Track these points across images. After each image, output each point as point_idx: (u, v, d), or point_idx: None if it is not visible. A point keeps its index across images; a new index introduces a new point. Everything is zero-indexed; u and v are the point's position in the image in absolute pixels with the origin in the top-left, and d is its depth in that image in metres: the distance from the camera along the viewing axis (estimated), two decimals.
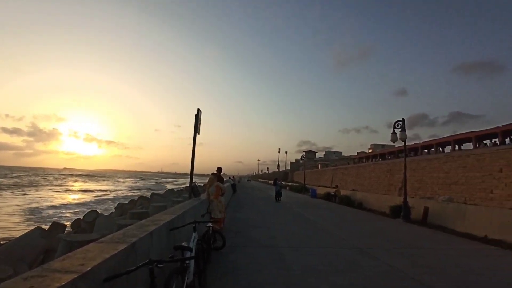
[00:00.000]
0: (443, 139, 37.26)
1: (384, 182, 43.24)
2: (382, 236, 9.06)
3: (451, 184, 30.29)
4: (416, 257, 6.49)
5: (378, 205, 16.40)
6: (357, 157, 68.89)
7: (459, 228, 10.07)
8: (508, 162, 24.48)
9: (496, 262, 6.35)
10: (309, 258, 6.19)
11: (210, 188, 8.05)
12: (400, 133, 13.34)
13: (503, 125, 28.59)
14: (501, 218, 8.85)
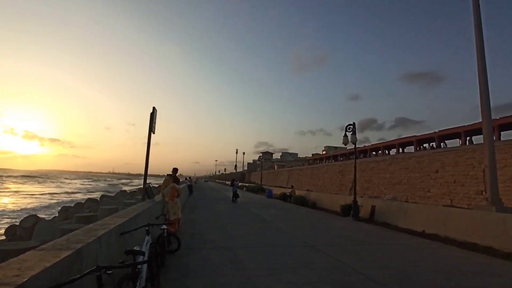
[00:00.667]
0: (389, 142, 40.23)
1: (336, 183, 45.44)
2: (334, 234, 9.51)
3: (395, 184, 32.81)
4: (364, 253, 6.92)
5: (330, 204, 17.17)
6: (311, 159, 71.52)
7: (401, 224, 10.94)
8: (443, 164, 27.17)
9: (432, 253, 7.01)
10: (265, 257, 6.30)
11: (165, 189, 7.81)
12: (351, 136, 14.14)
13: (439, 130, 31.66)
14: (436, 214, 9.79)
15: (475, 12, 10.77)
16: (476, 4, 10.78)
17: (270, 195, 27.71)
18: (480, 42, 10.55)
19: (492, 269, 5.79)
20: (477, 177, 23.30)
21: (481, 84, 10.38)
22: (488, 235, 7.78)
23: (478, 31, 10.62)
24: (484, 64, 10.43)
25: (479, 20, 10.65)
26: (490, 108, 10.40)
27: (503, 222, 7.53)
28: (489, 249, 7.38)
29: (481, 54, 10.46)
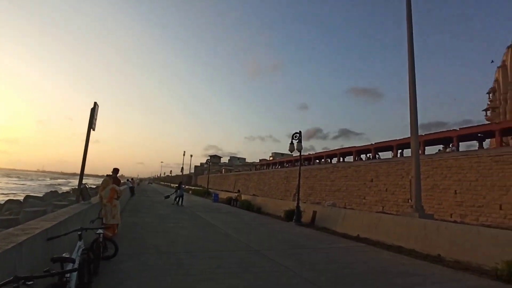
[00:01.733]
0: (332, 151, 42.73)
1: (281, 188, 46.78)
2: (276, 238, 9.76)
3: (335, 191, 34.87)
4: (304, 256, 7.23)
5: (275, 209, 17.60)
6: (259, 164, 72.73)
7: (339, 229, 11.65)
8: (377, 174, 29.63)
9: (364, 256, 7.58)
10: (208, 262, 6.21)
11: (104, 191, 7.30)
12: (297, 144, 14.73)
13: (375, 143, 34.54)
14: (369, 220, 10.63)
15: (408, 39, 12.07)
16: (410, 32, 12.09)
17: (216, 199, 27.52)
18: (411, 66, 11.82)
19: (413, 269, 6.45)
20: (405, 186, 25.85)
21: (411, 104, 11.62)
22: (412, 239, 8.66)
23: (411, 56, 11.90)
24: (414, 86, 11.70)
25: (412, 47, 11.95)
26: (418, 126, 11.68)
27: (424, 227, 8.45)
28: (412, 252, 8.21)
29: (412, 77, 11.73)
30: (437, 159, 24.18)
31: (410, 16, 12.25)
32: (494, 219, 19.21)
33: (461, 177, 21.85)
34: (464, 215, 20.89)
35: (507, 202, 18.76)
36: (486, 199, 19.95)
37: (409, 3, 12.33)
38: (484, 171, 20.51)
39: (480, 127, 25.85)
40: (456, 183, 22.11)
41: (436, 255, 7.74)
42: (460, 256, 7.24)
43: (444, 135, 27.16)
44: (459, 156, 22.62)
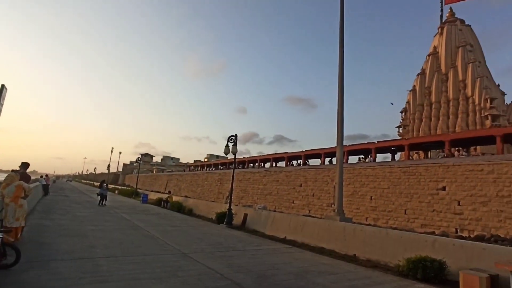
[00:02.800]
0: (265, 156, 44.07)
1: (215, 190, 46.48)
2: (206, 241, 9.64)
3: (266, 195, 35.96)
4: (233, 259, 7.28)
5: (207, 211, 17.39)
6: (193, 165, 71.18)
7: (268, 231, 12.03)
8: (306, 179, 31.45)
9: (289, 257, 7.96)
10: (130, 267, 5.83)
11: (7, 189, 6.35)
12: (232, 147, 14.83)
13: (306, 150, 36.69)
14: (295, 223, 11.21)
15: (340, 61, 13.17)
16: (341, 52, 13.21)
17: (145, 200, 26.07)
18: (340, 84, 12.91)
19: (332, 268, 6.99)
20: (329, 191, 27.94)
21: (339, 117, 12.68)
22: (332, 240, 9.40)
23: (341, 73, 13.00)
24: (342, 102, 12.79)
25: (342, 67, 13.06)
26: (343, 137, 12.77)
27: (343, 230, 9.24)
28: (332, 252, 8.91)
29: (341, 94, 12.81)
30: (357, 168, 26.73)
31: (342, 41, 13.39)
32: (400, 222, 21.96)
33: (376, 184, 24.52)
34: (377, 219, 23.44)
35: (411, 207, 21.65)
36: (395, 204, 22.72)
37: (342, 30, 13.47)
38: (394, 180, 23.36)
39: (393, 142, 29.46)
40: (372, 190, 24.71)
41: (352, 255, 8.53)
42: (372, 255, 8.10)
43: (365, 147, 30.22)
44: (375, 166, 25.37)
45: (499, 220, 17.25)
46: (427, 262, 6.34)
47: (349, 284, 5.79)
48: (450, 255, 6.59)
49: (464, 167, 19.53)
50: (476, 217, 18.20)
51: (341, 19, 13.51)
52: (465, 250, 6.51)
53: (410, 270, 6.52)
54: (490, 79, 36.59)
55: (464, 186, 19.22)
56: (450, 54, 37.97)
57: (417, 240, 7.40)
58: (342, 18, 13.52)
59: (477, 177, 18.79)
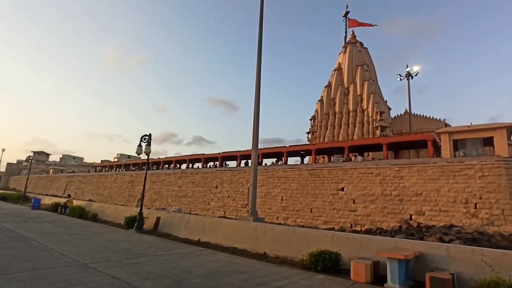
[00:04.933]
0: (182, 157, 42.85)
1: (125, 193, 43.02)
2: (112, 249, 8.89)
3: (182, 197, 34.98)
4: (142, 265, 6.89)
5: (114, 216, 16.02)
6: (100, 165, 64.44)
7: (182, 234, 11.75)
8: (222, 181, 31.73)
9: (202, 259, 7.94)
10: (13, 286, 4.99)
11: None
12: (146, 147, 14.04)
13: (222, 152, 37.03)
14: (210, 224, 11.24)
15: (257, 65, 13.78)
16: (259, 59, 13.84)
17: (37, 205, 22.49)
18: (257, 89, 13.51)
19: (243, 267, 7.25)
20: (244, 193, 28.77)
21: (255, 121, 13.24)
22: (245, 240, 9.73)
23: (258, 80, 13.61)
24: (258, 107, 13.40)
25: (259, 71, 13.70)
26: (258, 140, 13.37)
27: (255, 229, 9.67)
28: (244, 252, 9.22)
29: (257, 99, 13.41)
30: (271, 170, 28.25)
31: (261, 49, 14.06)
32: (306, 220, 24.01)
33: (287, 186, 26.32)
34: (287, 218, 25.14)
35: (316, 206, 23.91)
36: (302, 204, 24.76)
37: (260, 40, 14.15)
38: (302, 181, 25.46)
39: (302, 146, 32.12)
40: (283, 191, 26.42)
41: (263, 253, 8.98)
42: (280, 252, 8.68)
43: (278, 150, 32.15)
44: (286, 169, 27.22)
45: (383, 215, 20.43)
46: (326, 255, 7.12)
47: (259, 281, 6.10)
48: (345, 247, 7.54)
49: (359, 170, 22.56)
50: (366, 213, 21.18)
51: (260, 29, 14.18)
52: (356, 242, 7.54)
53: (312, 263, 7.22)
54: (380, 96, 43.20)
55: (358, 186, 22.19)
56: (351, 71, 43.47)
57: (319, 236, 8.25)
58: (261, 28, 14.20)
59: (368, 179, 21.93)
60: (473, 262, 5.87)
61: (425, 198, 19.06)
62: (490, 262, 5.65)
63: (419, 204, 19.18)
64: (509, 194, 16.73)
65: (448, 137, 20.46)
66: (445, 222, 17.42)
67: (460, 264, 6.02)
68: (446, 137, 20.51)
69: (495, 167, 17.41)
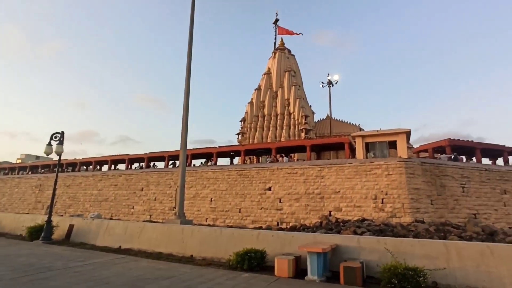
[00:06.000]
0: (103, 158, 39.20)
1: (30, 199, 37.52)
2: (8, 265, 7.62)
3: (102, 201, 32.02)
4: (47, 281, 6.06)
5: (13, 227, 13.82)
6: None
7: (100, 242, 10.73)
8: (148, 183, 30.08)
9: (122, 268, 7.36)
10: None
11: None
12: (57, 146, 12.46)
13: (149, 152, 35.10)
14: (132, 229, 10.50)
15: (188, 62, 13.43)
16: (189, 56, 13.51)
17: None
18: (187, 87, 13.17)
19: (168, 273, 6.94)
20: (172, 195, 27.70)
21: (184, 121, 12.86)
22: (171, 244, 9.35)
23: (187, 77, 13.26)
24: (187, 105, 13.06)
25: (189, 68, 13.37)
26: (187, 140, 13.02)
27: (182, 232, 9.37)
28: (170, 256, 8.86)
29: (187, 97, 13.06)
30: (200, 171, 27.79)
31: (191, 48, 13.74)
32: (235, 220, 24.25)
33: (216, 187, 26.22)
34: (216, 219, 25.02)
35: (244, 206, 24.33)
36: (231, 204, 24.93)
37: (191, 38, 13.83)
38: (232, 182, 25.66)
39: (232, 147, 32.38)
40: (212, 192, 26.23)
41: (190, 256, 8.76)
42: (207, 253, 8.57)
43: (208, 151, 31.78)
44: (216, 170, 27.11)
45: (306, 212, 21.84)
46: (252, 254, 7.28)
47: (184, 285, 5.92)
48: (270, 245, 7.82)
49: (285, 170, 23.72)
50: (291, 211, 22.38)
51: (190, 27, 13.86)
52: (281, 239, 7.88)
53: (238, 263, 7.31)
54: (306, 100, 46.20)
55: (284, 186, 23.32)
56: (279, 75, 45.53)
57: (245, 235, 8.39)
58: (191, 26, 13.88)
59: (293, 179, 23.21)
60: (378, 251, 6.66)
61: (342, 195, 21.00)
62: (391, 249, 6.48)
63: (337, 201, 21.04)
64: (408, 190, 19.50)
65: (361, 140, 22.91)
66: (359, 216, 19.45)
67: (368, 253, 6.77)
68: (360, 140, 22.94)
69: (397, 167, 20.12)
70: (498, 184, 21.89)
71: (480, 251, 5.99)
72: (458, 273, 5.96)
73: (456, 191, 20.66)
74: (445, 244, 6.36)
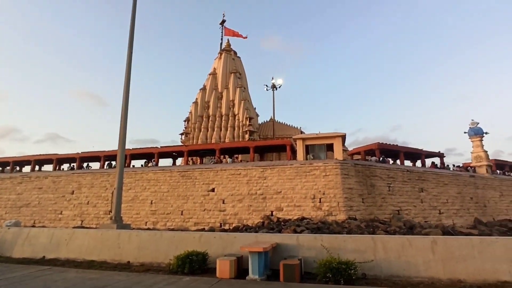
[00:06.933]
0: (25, 157, 34.77)
1: None
2: None
3: (21, 207, 28.43)
4: None
5: None
6: None
7: (18, 253, 9.51)
8: (80, 185, 27.58)
9: (46, 281, 6.61)
10: None
11: None
12: None
13: (82, 152, 32.18)
14: (59, 237, 9.49)
15: (128, 58, 12.67)
16: (130, 51, 12.76)
17: None
18: (127, 83, 12.42)
19: (101, 282, 6.44)
20: (108, 198, 25.78)
21: (122, 118, 12.10)
22: (105, 250, 8.69)
23: (128, 72, 12.51)
24: (127, 103, 12.32)
25: (130, 65, 12.63)
26: (125, 140, 12.27)
27: (118, 237, 8.77)
28: (104, 263, 8.23)
29: (127, 94, 12.32)
30: (140, 172, 26.36)
31: (132, 42, 12.99)
32: (177, 223, 23.51)
33: (157, 188, 25.13)
34: (156, 222, 23.96)
35: (187, 209, 23.72)
36: (173, 207, 24.11)
37: (132, 31, 13.08)
38: (174, 183, 24.84)
39: (175, 148, 31.37)
40: (152, 194, 25.06)
41: (126, 262, 8.24)
42: (146, 258, 8.16)
43: (148, 151, 30.29)
44: (157, 171, 25.99)
45: (249, 213, 22.14)
46: (193, 256, 7.14)
47: None
48: (212, 246, 7.75)
49: (228, 172, 23.74)
50: (234, 212, 22.47)
51: (132, 19, 13.11)
52: (223, 241, 7.86)
53: (179, 266, 7.10)
54: (250, 103, 46.89)
55: (228, 187, 23.33)
56: (225, 77, 45.49)
57: (187, 238, 8.19)
58: (133, 18, 13.14)
59: (237, 180, 23.35)
60: (315, 247, 7.05)
61: (284, 196, 21.76)
62: (327, 245, 6.91)
63: (279, 201, 21.74)
64: (342, 189, 21.00)
65: (302, 142, 24.03)
66: (299, 215, 20.36)
67: (306, 250, 7.12)
68: (301, 143, 24.04)
69: (334, 168, 21.54)
70: (417, 184, 24.81)
71: (401, 243, 6.72)
72: (383, 264, 6.61)
73: (383, 190, 22.87)
74: (373, 239, 6.99)
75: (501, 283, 5.96)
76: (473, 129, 33.88)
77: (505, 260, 6.21)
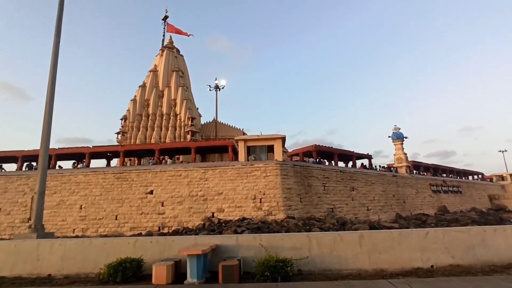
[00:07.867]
0: None
1: None
2: None
3: None
4: None
5: None
6: None
7: None
8: None
9: None
10: None
11: None
12: None
13: None
14: None
15: (54, 51, 11.42)
16: (57, 45, 11.51)
17: None
18: (52, 80, 11.19)
19: None
20: (27, 204, 22.87)
21: (46, 114, 10.85)
22: (20, 264, 7.67)
23: (53, 70, 11.27)
24: (53, 96, 11.09)
25: (56, 59, 11.39)
26: (50, 137, 11.02)
27: (37, 248, 7.81)
28: (17, 279, 7.26)
29: (52, 90, 11.09)
30: (67, 174, 23.91)
31: (59, 28, 11.75)
32: (110, 229, 21.85)
33: (88, 192, 23.06)
34: (86, 229, 21.97)
35: (122, 213, 22.20)
36: (106, 211, 22.36)
37: (60, 18, 11.82)
38: (107, 186, 23.06)
39: (109, 148, 29.15)
40: (82, 198, 22.92)
41: (47, 276, 7.40)
42: (72, 270, 7.42)
43: (78, 151, 27.63)
44: (88, 172, 23.86)
45: (189, 215, 21.60)
46: (127, 264, 6.69)
47: None
48: (148, 251, 7.38)
49: (168, 173, 22.87)
50: (174, 214, 21.73)
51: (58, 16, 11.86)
52: (160, 245, 7.53)
53: (111, 276, 6.60)
54: (193, 102, 45.81)
55: (168, 189, 22.46)
56: (167, 75, 43.73)
57: (120, 244, 7.66)
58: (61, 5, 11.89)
59: (177, 181, 22.63)
60: (254, 247, 7.17)
61: (225, 197, 21.73)
62: (265, 244, 7.09)
63: (220, 202, 21.64)
64: (282, 189, 21.75)
65: (243, 144, 24.29)
66: (240, 216, 20.52)
67: (245, 250, 7.21)
68: (242, 144, 24.28)
69: (274, 169, 22.20)
70: (349, 183, 26.89)
71: (333, 239, 7.21)
72: (317, 259, 7.01)
73: (319, 190, 24.29)
74: (308, 236, 7.37)
75: (415, 270, 6.78)
76: (395, 134, 38.00)
77: (418, 249, 7.08)
